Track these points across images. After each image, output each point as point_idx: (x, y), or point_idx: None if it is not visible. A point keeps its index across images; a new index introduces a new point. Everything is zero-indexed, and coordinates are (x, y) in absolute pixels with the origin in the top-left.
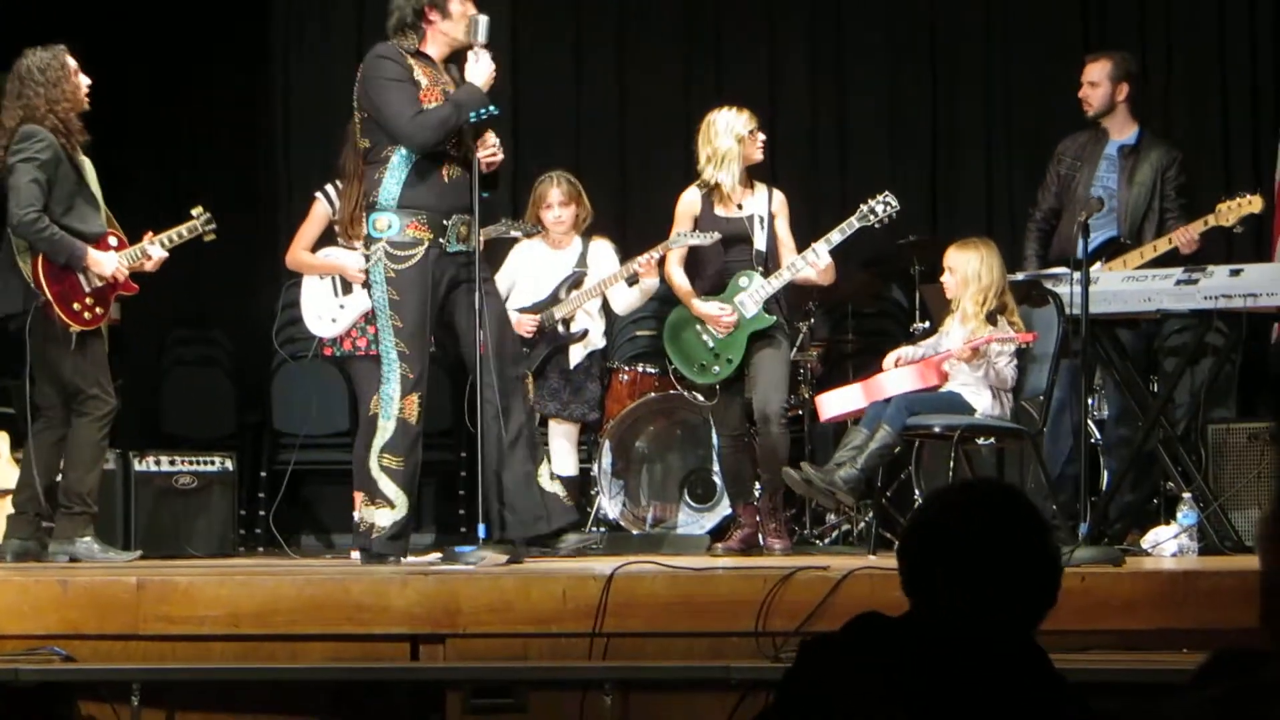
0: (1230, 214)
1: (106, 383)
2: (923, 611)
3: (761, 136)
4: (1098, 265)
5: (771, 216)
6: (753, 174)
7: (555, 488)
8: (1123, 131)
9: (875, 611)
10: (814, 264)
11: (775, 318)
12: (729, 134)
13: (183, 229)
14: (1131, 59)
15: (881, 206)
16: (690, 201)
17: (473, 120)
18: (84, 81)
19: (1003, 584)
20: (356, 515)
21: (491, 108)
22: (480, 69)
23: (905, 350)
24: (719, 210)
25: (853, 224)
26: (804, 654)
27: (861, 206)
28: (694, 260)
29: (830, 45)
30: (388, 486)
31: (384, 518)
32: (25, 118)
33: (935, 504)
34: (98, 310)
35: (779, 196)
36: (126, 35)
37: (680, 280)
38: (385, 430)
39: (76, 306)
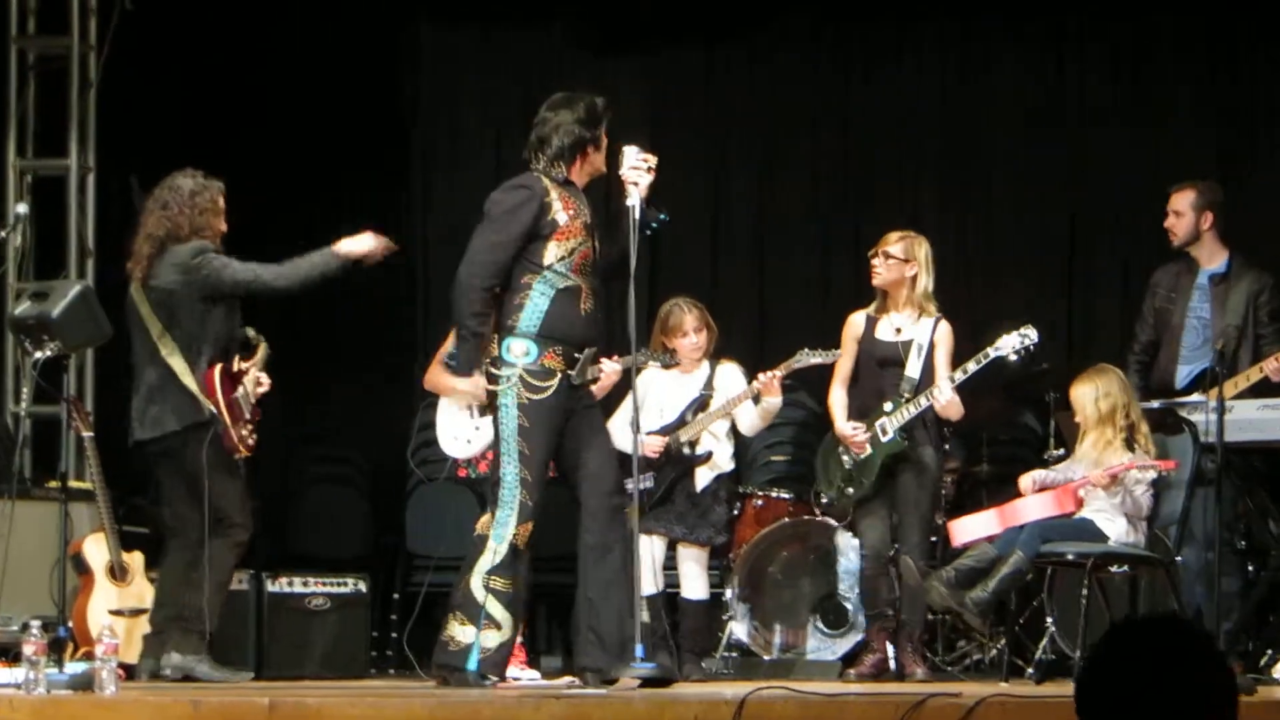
0: None
1: (248, 509)
2: None
3: (876, 261)
4: (1196, 396)
5: (932, 345)
6: (927, 302)
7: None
8: (1212, 260)
9: None
10: (936, 399)
11: (907, 443)
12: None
13: (257, 364)
14: (1216, 187)
15: (1020, 339)
16: (854, 323)
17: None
18: (223, 226)
19: None
20: (444, 634)
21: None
22: None
23: (1040, 473)
24: (878, 334)
25: (988, 354)
26: None
27: (1001, 340)
28: (855, 382)
29: (967, 168)
30: (495, 608)
31: (490, 639)
32: (170, 233)
33: (1117, 639)
34: (255, 437)
35: (944, 326)
36: (266, 162)
37: (833, 401)
38: (496, 554)
39: (244, 431)
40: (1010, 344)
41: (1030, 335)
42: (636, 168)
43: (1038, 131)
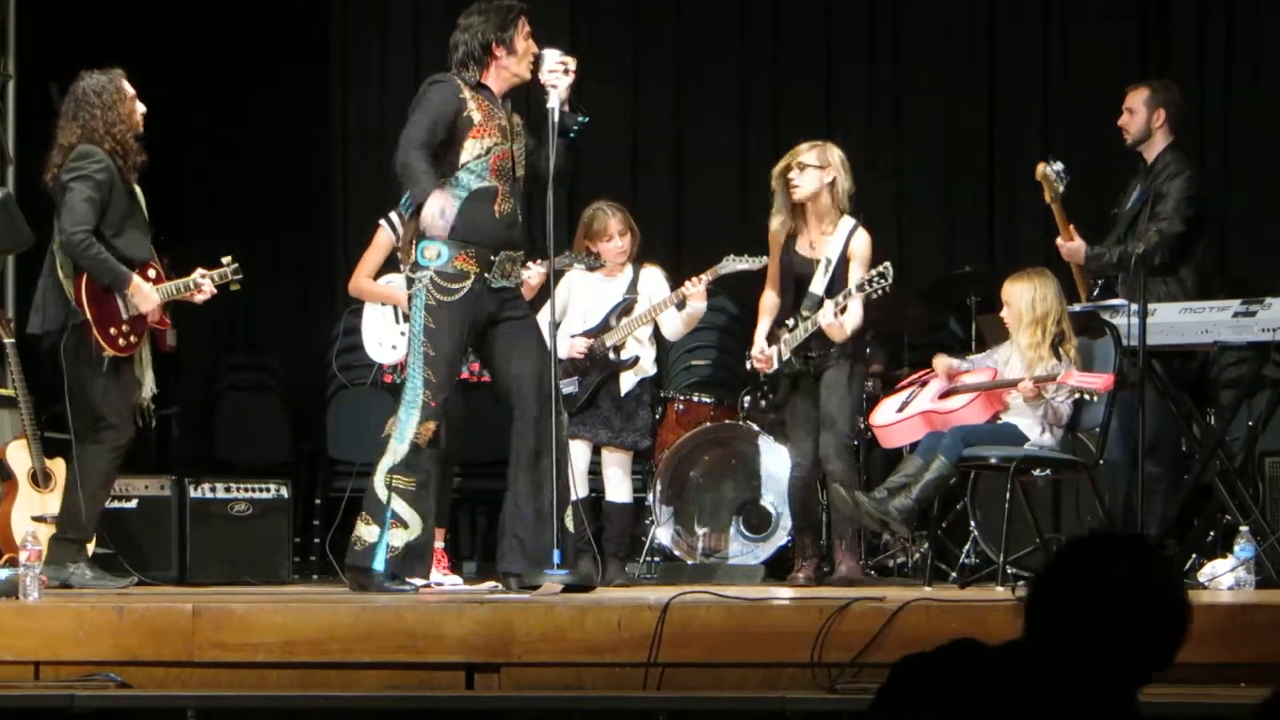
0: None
1: (127, 413)
2: (1041, 651)
3: (793, 175)
4: (1118, 299)
5: (846, 260)
6: (848, 205)
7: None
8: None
9: (973, 639)
10: (819, 319)
11: (799, 366)
12: (777, 175)
13: (214, 274)
14: (1172, 86)
15: (877, 278)
16: (774, 233)
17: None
18: (140, 107)
19: (1132, 640)
20: (353, 535)
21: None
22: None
23: (953, 361)
24: (797, 247)
25: (851, 292)
26: (898, 674)
27: (860, 278)
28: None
29: (887, 74)
30: (400, 506)
31: (397, 538)
32: (83, 138)
33: (1071, 555)
34: (132, 339)
35: (860, 238)
36: (185, 64)
37: (762, 305)
38: (396, 452)
39: (113, 331)
40: (869, 282)
41: (887, 273)
42: (554, 70)
43: (957, 33)
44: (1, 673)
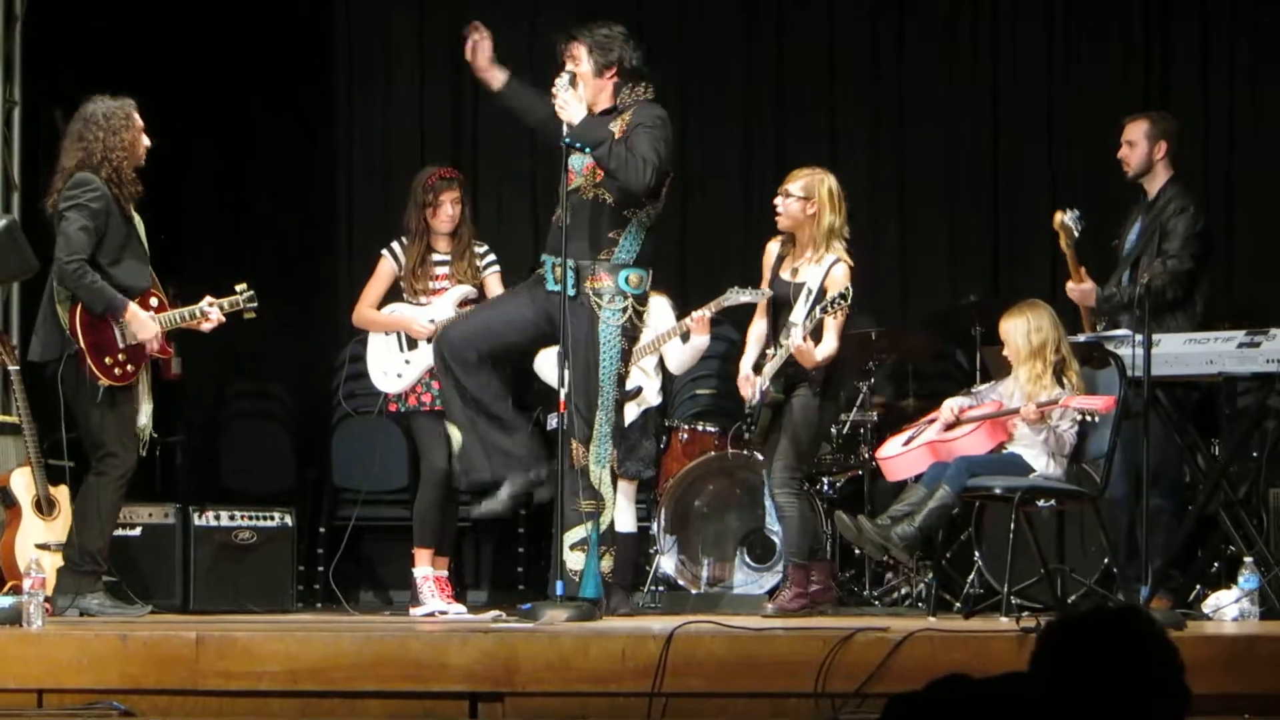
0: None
1: (129, 441)
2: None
3: (777, 201)
4: (1123, 330)
5: (822, 290)
6: (832, 239)
7: (571, 560)
8: (1155, 190)
9: (962, 674)
10: (788, 344)
11: (782, 396)
12: None
13: (224, 302)
14: (1170, 116)
15: (839, 299)
16: (769, 253)
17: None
18: (145, 141)
19: (1132, 713)
20: None
21: (567, 139)
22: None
23: (960, 400)
24: (782, 272)
25: (815, 316)
26: (889, 713)
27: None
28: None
29: (891, 101)
30: None
31: None
32: (82, 161)
33: (1088, 624)
34: (129, 368)
35: (839, 269)
36: (190, 91)
37: (750, 333)
38: None
39: (108, 360)
40: (830, 304)
41: (848, 294)
42: None
43: (962, 63)
44: (5, 700)
